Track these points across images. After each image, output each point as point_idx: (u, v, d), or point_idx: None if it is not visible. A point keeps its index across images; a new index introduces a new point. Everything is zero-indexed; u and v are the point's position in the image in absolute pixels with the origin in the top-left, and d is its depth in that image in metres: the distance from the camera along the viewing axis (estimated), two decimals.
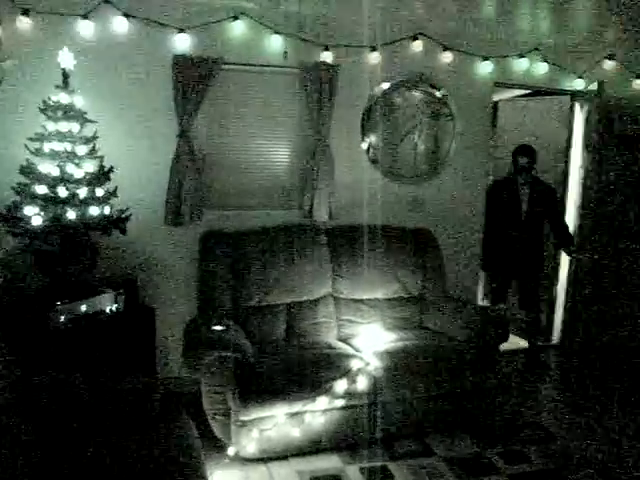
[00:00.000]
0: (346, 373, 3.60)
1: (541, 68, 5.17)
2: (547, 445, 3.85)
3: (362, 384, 3.62)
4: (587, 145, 5.37)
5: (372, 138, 4.80)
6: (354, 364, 3.67)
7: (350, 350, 3.99)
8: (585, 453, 3.77)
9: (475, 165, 5.13)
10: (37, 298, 3.58)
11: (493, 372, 4.02)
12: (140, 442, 2.64)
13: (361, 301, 4.47)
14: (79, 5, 3.91)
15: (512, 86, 5.40)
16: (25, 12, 3.81)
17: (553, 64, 5.19)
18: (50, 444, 2.55)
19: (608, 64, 5.30)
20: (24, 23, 3.82)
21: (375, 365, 3.75)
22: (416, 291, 4.61)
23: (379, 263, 4.47)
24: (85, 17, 3.92)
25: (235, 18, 4.23)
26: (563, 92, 5.43)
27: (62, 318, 3.44)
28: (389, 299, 4.54)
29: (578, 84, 5.35)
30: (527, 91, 5.71)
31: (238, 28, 4.26)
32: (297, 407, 3.51)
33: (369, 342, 4.08)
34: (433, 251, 4.73)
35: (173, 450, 2.60)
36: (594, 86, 5.29)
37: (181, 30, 4.13)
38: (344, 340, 4.23)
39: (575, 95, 5.44)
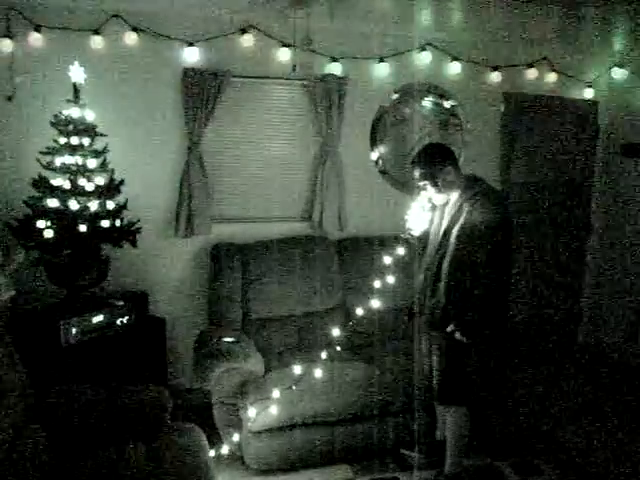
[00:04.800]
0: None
1: (550, 77, 5.18)
2: (560, 457, 3.83)
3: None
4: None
5: (381, 149, 4.80)
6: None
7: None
8: (600, 466, 3.74)
9: (485, 176, 5.11)
10: (49, 311, 3.60)
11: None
12: (151, 453, 2.65)
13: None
14: (90, 20, 3.96)
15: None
16: (37, 28, 3.86)
17: (562, 73, 5.20)
18: (63, 454, 2.56)
19: (617, 72, 5.29)
20: (36, 39, 3.87)
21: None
22: None
23: (389, 273, 4.46)
24: (96, 32, 3.97)
25: (244, 31, 4.27)
26: None
27: (74, 330, 3.46)
28: (400, 309, 4.52)
29: (588, 93, 5.35)
30: None
31: (247, 41, 4.29)
32: (308, 418, 3.51)
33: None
34: None
35: (184, 461, 2.60)
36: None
37: (190, 44, 4.17)
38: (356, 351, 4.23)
39: None
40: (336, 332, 3.55)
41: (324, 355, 3.55)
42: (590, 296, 5.77)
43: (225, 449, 3.50)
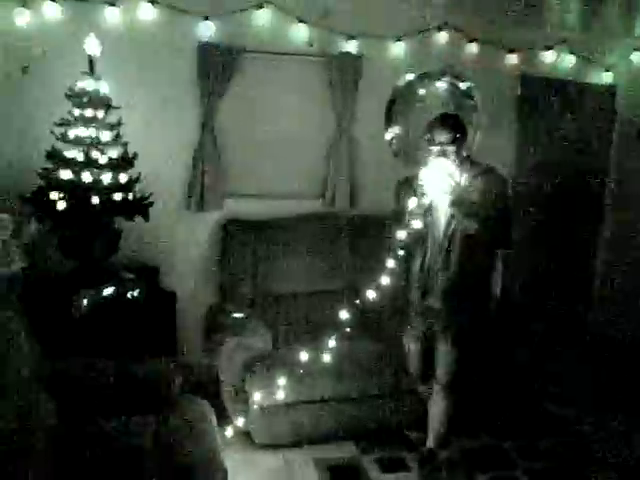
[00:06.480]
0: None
1: (568, 60, 5.11)
2: (565, 439, 3.84)
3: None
4: None
5: (395, 129, 4.75)
6: None
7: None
8: (606, 451, 3.74)
9: (500, 158, 5.07)
10: (61, 282, 3.63)
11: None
12: (158, 425, 2.67)
13: None
14: None
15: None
16: None
17: (581, 56, 5.13)
18: (72, 423, 2.59)
19: (638, 56, 5.21)
20: (52, 9, 3.86)
21: None
22: None
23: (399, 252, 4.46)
24: (112, 4, 3.95)
25: (260, 6, 4.24)
26: None
27: (85, 302, 3.49)
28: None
29: (606, 77, 5.29)
30: None
31: (263, 16, 4.26)
32: (315, 395, 3.54)
33: None
34: None
35: (191, 434, 2.63)
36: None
37: (206, 18, 4.15)
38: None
39: None
40: (345, 312, 3.49)
41: (332, 334, 3.54)
42: (602, 281, 5.75)
43: (232, 424, 3.53)
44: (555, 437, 3.88)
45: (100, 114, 3.57)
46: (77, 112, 3.53)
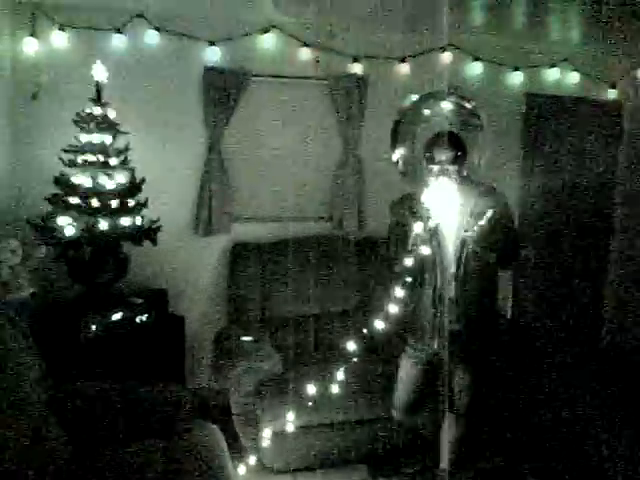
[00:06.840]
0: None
1: (572, 78, 5.13)
2: (580, 462, 3.79)
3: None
4: None
5: (402, 150, 4.75)
6: None
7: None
8: (622, 472, 3.69)
9: (506, 178, 5.07)
10: (69, 307, 3.63)
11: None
12: (168, 451, 2.65)
13: None
14: (113, 20, 3.99)
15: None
16: (61, 27, 3.90)
17: (584, 74, 5.14)
18: (81, 448, 2.57)
19: None
20: (60, 38, 3.92)
21: None
22: None
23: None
24: (118, 31, 4.00)
25: (265, 31, 4.28)
26: None
27: (93, 327, 3.48)
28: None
29: (611, 94, 5.30)
30: None
31: (268, 41, 4.30)
32: (326, 419, 3.50)
33: None
34: None
35: (201, 460, 2.60)
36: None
37: (212, 43, 4.19)
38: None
39: None
40: (352, 344, 3.31)
41: (342, 362, 3.44)
42: (613, 299, 5.71)
43: (243, 448, 3.49)
44: (570, 458, 3.82)
45: (108, 140, 3.60)
46: (85, 138, 3.56)
